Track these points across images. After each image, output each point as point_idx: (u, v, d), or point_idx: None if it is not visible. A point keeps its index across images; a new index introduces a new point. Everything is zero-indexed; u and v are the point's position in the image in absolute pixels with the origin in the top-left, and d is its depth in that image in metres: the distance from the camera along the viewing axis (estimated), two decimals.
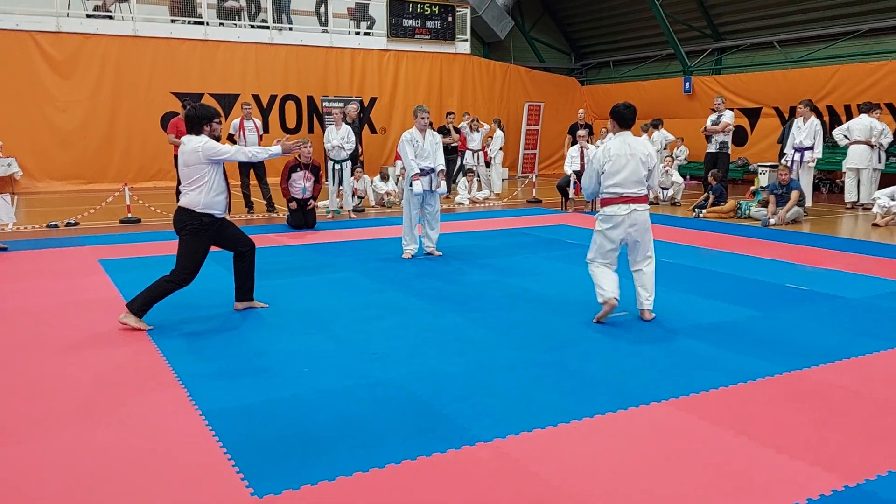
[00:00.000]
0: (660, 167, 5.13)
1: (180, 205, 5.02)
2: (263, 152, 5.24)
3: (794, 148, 10.92)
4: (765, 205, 10.40)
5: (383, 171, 13.22)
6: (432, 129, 7.97)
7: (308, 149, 9.75)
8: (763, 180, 12.86)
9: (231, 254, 5.38)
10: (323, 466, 2.93)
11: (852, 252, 7.82)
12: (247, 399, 3.67)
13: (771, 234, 9.12)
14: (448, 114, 14.44)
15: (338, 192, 10.98)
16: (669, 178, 12.87)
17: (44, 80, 14.30)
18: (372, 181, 12.59)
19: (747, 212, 10.75)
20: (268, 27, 16.43)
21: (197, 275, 5.07)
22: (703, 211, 10.98)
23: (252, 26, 16.52)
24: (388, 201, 12.41)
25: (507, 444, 3.14)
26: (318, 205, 11.16)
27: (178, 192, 5.49)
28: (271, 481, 2.81)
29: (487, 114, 17.99)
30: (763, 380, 3.93)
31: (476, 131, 14.14)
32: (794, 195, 10.02)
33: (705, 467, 2.94)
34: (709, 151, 12.05)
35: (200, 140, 4.96)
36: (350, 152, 10.74)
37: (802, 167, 10.79)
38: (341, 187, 10.88)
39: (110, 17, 15.13)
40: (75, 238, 8.76)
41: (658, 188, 5.26)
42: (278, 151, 5.23)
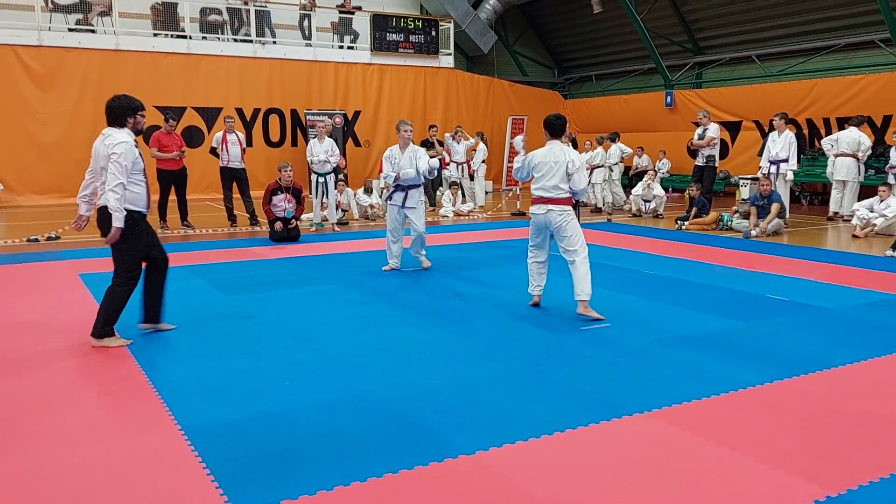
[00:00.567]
0: (584, 172, 5.53)
1: (103, 205, 4.70)
2: (118, 211, 4.60)
3: (770, 161, 11.05)
4: (746, 217, 10.51)
5: (367, 184, 13.21)
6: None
7: (288, 172, 9.79)
8: (744, 192, 13.01)
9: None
10: (304, 480, 2.89)
11: (832, 263, 7.91)
12: (228, 413, 3.63)
13: (752, 246, 9.20)
14: (430, 127, 14.49)
15: (321, 205, 10.96)
16: (652, 192, 12.98)
17: (25, 93, 14.20)
18: (356, 194, 12.58)
19: (729, 223, 10.85)
20: (251, 41, 16.43)
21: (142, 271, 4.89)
22: (686, 223, 11.06)
23: (235, 40, 16.52)
24: (372, 214, 12.40)
25: (489, 456, 3.13)
26: (302, 218, 11.15)
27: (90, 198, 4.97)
28: (251, 496, 2.77)
29: (471, 127, 18.05)
30: (745, 390, 3.94)
31: (459, 143, 14.19)
32: (774, 207, 10.12)
33: (687, 478, 2.94)
34: (696, 165, 12.17)
35: (119, 138, 4.68)
36: (334, 165, 10.75)
37: (779, 179, 10.92)
38: (325, 200, 10.86)
39: (92, 31, 15.07)
40: (56, 252, 8.67)
41: (585, 192, 5.70)
42: (117, 225, 4.63)
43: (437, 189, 13.92)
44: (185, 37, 15.82)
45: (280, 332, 5.17)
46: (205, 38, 16.19)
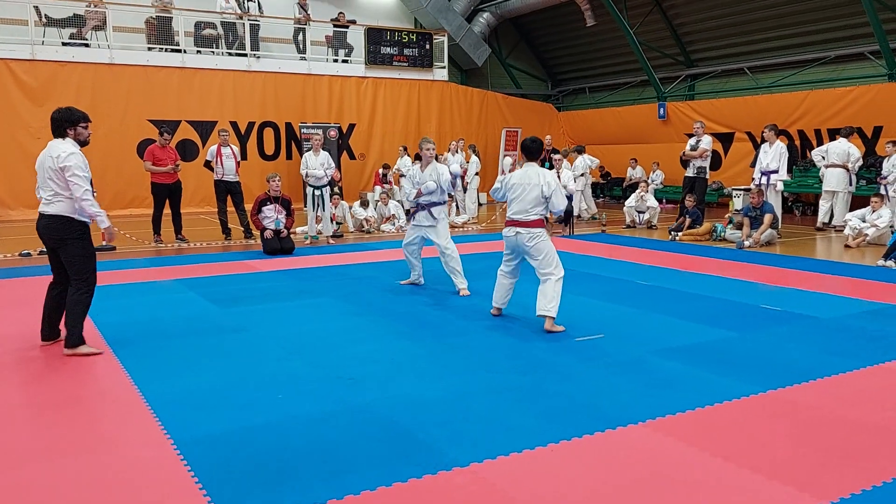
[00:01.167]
0: (561, 192, 5.53)
1: (51, 213, 4.81)
2: (99, 214, 4.86)
3: (762, 171, 11.12)
4: (739, 227, 10.55)
5: (362, 197, 13.23)
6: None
7: (276, 182, 9.80)
8: (737, 203, 13.06)
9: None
10: (297, 494, 2.88)
11: (825, 273, 7.94)
12: (220, 426, 3.61)
13: (746, 256, 9.23)
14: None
15: (316, 218, 10.97)
16: (645, 203, 13.02)
17: (18, 107, 14.18)
18: (351, 207, 12.60)
19: (722, 234, 10.88)
20: (245, 55, 16.48)
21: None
22: (680, 234, 11.10)
23: (230, 54, 16.56)
24: (366, 227, 12.40)
25: (483, 468, 3.12)
26: (297, 231, 11.14)
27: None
28: None
29: (465, 139, 18.11)
30: (738, 400, 3.95)
31: (455, 154, 14.22)
32: (767, 218, 10.17)
33: (682, 489, 2.93)
34: (687, 176, 12.21)
35: (66, 150, 4.80)
36: (330, 178, 10.77)
37: (770, 189, 10.98)
38: (320, 213, 10.86)
39: (86, 45, 15.08)
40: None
41: (562, 210, 5.72)
42: (105, 228, 4.95)
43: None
44: (179, 51, 15.85)
45: (273, 345, 5.16)
46: (199, 51, 16.23)
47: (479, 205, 15.74)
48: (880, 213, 10.15)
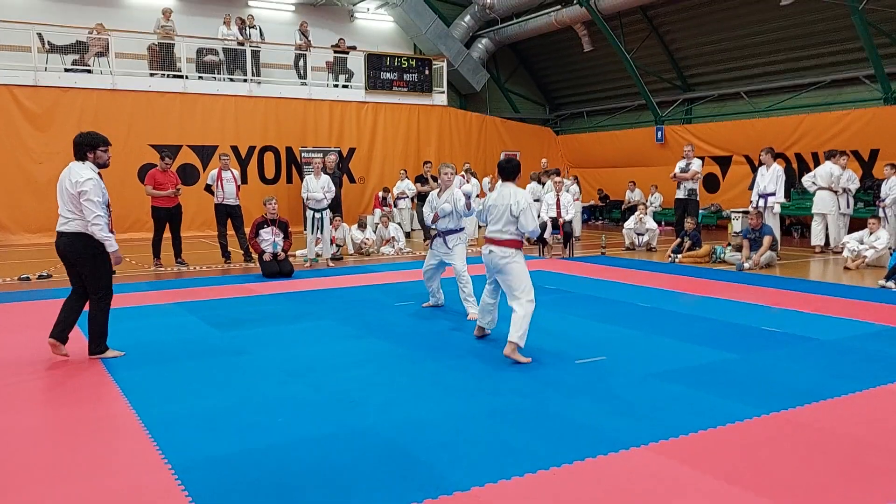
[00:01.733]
0: (530, 213, 5.45)
1: (71, 231, 5.14)
2: (108, 239, 5.13)
3: (759, 194, 11.18)
4: (739, 249, 10.57)
5: (361, 220, 13.28)
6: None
7: (273, 205, 9.84)
8: (736, 226, 13.10)
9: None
10: None
11: (825, 295, 7.93)
12: (220, 449, 3.58)
13: (746, 278, 9.23)
14: (425, 163, 14.61)
15: (316, 241, 10.99)
16: (644, 225, 13.06)
17: (21, 132, 14.27)
18: (350, 229, 12.64)
19: (722, 256, 10.90)
20: (246, 80, 16.63)
21: None
22: (679, 256, 11.11)
23: (231, 79, 16.71)
24: (366, 250, 12.43)
25: (485, 492, 3.09)
26: (296, 254, 11.15)
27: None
28: None
29: (464, 163, 18.22)
30: (742, 422, 3.92)
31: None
32: (766, 240, 10.19)
33: None
34: (678, 198, 12.28)
35: (84, 175, 5.09)
36: (330, 202, 10.82)
37: (767, 212, 11.03)
38: (320, 236, 10.89)
39: (89, 72, 15.22)
40: (48, 290, 8.62)
41: (538, 232, 5.68)
42: (112, 252, 5.19)
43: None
44: (181, 76, 16.00)
45: (274, 368, 5.14)
46: (201, 77, 16.37)
47: (479, 226, 15.75)
48: (878, 235, 10.18)
